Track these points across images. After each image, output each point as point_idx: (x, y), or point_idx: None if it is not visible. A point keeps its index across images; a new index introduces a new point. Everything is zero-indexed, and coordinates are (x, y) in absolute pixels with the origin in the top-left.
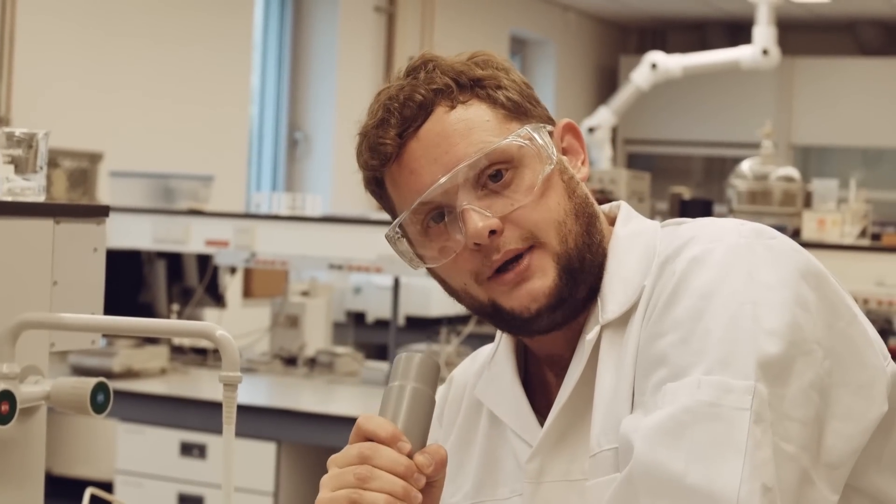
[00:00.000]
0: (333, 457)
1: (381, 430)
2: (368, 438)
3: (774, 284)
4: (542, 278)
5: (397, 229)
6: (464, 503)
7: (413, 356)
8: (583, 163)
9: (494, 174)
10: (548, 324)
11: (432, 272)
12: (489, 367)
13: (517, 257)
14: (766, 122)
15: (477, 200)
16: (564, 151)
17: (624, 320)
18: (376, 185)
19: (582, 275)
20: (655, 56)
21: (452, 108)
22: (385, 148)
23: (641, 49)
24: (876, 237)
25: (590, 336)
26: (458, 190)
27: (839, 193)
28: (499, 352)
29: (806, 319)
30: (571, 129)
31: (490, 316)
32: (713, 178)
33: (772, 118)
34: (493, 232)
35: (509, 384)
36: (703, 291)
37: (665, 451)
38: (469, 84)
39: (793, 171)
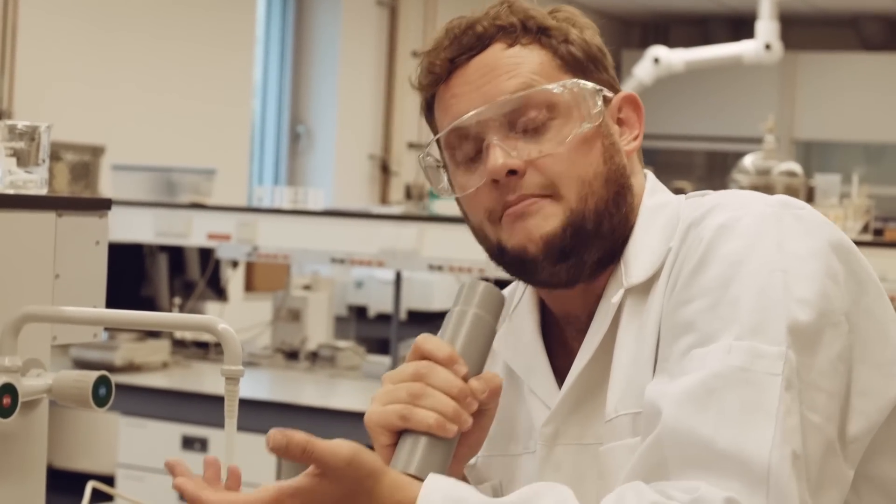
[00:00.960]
0: (388, 373)
1: (439, 351)
2: (425, 358)
3: (804, 254)
4: (542, 219)
5: (430, 152)
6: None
7: (477, 283)
8: (635, 138)
9: (531, 119)
10: (549, 276)
11: (460, 205)
12: (510, 318)
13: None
14: (769, 116)
15: (507, 139)
16: (619, 122)
17: (647, 287)
18: (427, 109)
19: (594, 238)
20: (658, 50)
21: (511, 45)
22: (435, 69)
23: (644, 43)
24: (878, 232)
25: (615, 299)
26: (492, 124)
27: (841, 189)
28: (521, 304)
29: (835, 291)
30: (632, 102)
31: (498, 260)
32: (715, 172)
33: (774, 113)
34: (513, 172)
35: (530, 340)
36: (733, 259)
37: (695, 415)
38: (535, 29)
39: (795, 167)
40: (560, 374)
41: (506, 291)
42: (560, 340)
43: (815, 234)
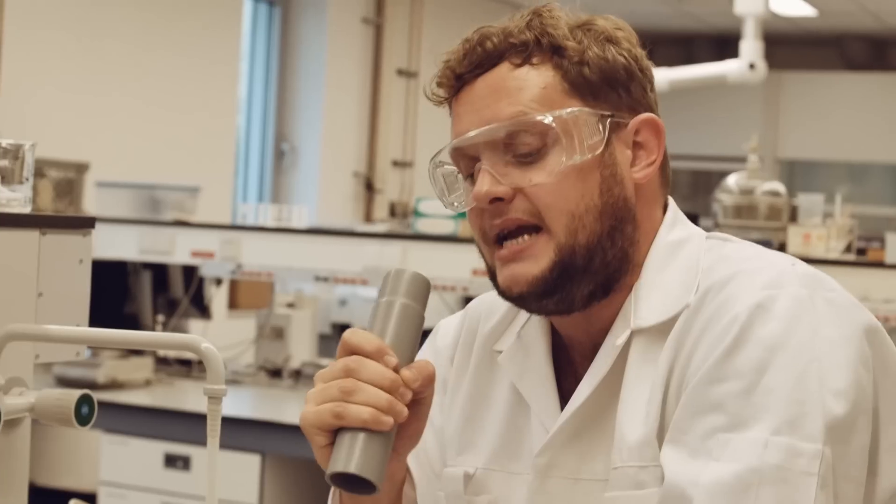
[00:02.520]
0: (320, 372)
1: (367, 344)
2: (354, 352)
3: (838, 341)
4: (532, 265)
5: (443, 166)
6: (475, 464)
7: (402, 271)
8: (651, 163)
9: (524, 145)
10: (538, 309)
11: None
12: (519, 337)
13: (520, 232)
14: (753, 136)
15: (499, 164)
16: (636, 145)
17: (657, 332)
18: (449, 112)
19: (583, 274)
20: None
21: (519, 65)
22: (444, 85)
23: None
24: (861, 252)
25: (619, 341)
26: (485, 148)
27: (825, 208)
28: (531, 323)
29: (867, 379)
30: (652, 125)
31: (491, 280)
32: (699, 191)
33: (758, 132)
34: (499, 199)
35: (538, 362)
36: (769, 343)
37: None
38: (549, 48)
39: (778, 186)
40: (566, 397)
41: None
42: (569, 359)
43: (847, 319)
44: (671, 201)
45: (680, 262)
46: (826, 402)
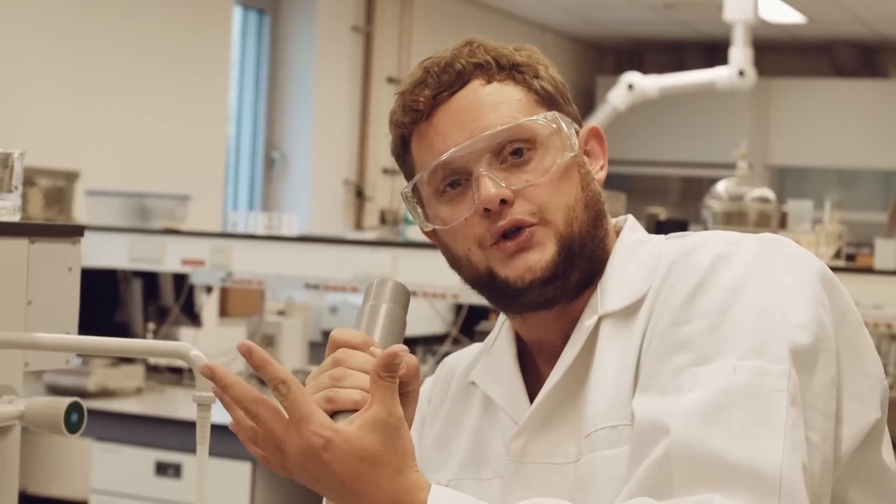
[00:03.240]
0: (311, 373)
1: (353, 338)
2: (341, 347)
3: (797, 285)
4: (541, 251)
5: (414, 187)
6: (447, 476)
7: (386, 280)
8: (601, 167)
9: (515, 151)
10: (537, 297)
11: (436, 238)
12: (488, 353)
13: (520, 229)
14: (742, 142)
15: (494, 170)
16: (586, 153)
17: (625, 315)
18: (402, 146)
19: (579, 259)
20: (632, 77)
21: (488, 82)
22: (418, 106)
23: (618, 70)
24: (851, 258)
25: (588, 322)
26: (479, 157)
27: (814, 214)
28: (499, 340)
29: (826, 320)
30: (596, 135)
31: (485, 286)
32: (689, 198)
33: (748, 139)
34: (504, 201)
35: (507, 368)
36: (731, 286)
37: (705, 430)
38: (508, 66)
39: (768, 192)
40: (534, 397)
41: (478, 345)
42: (533, 370)
43: (804, 267)
44: (630, 216)
45: (642, 255)
46: (789, 331)
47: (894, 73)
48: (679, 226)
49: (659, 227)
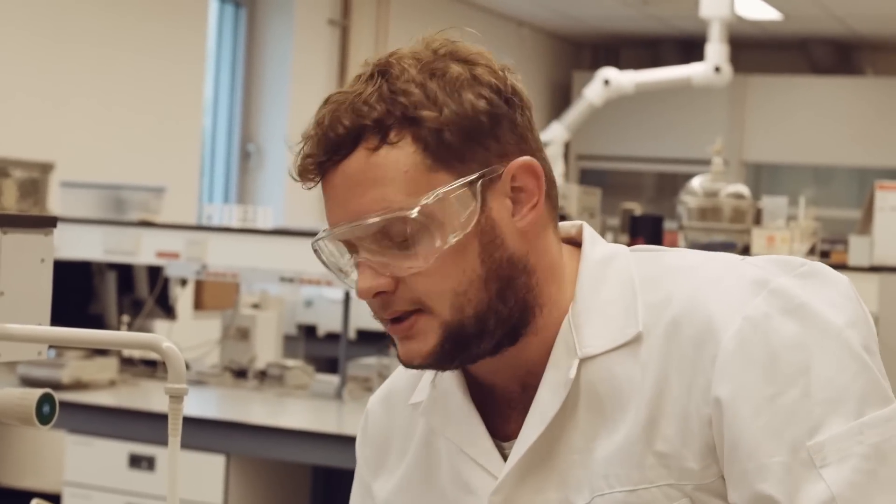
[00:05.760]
0: None
1: None
2: None
3: (842, 303)
4: (421, 342)
5: (319, 244)
6: None
7: None
8: (533, 207)
9: (394, 236)
10: (447, 368)
11: None
12: (433, 386)
13: (407, 314)
14: (717, 139)
15: (376, 254)
16: (515, 191)
17: (610, 354)
18: None
19: (480, 337)
20: (608, 72)
21: (376, 148)
22: (306, 174)
23: (594, 65)
24: (825, 254)
25: (571, 374)
26: (358, 241)
27: (789, 211)
28: (443, 375)
29: (868, 317)
30: (529, 170)
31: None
32: (665, 194)
33: (724, 135)
34: (381, 292)
35: (460, 405)
36: (794, 343)
37: (870, 498)
38: (407, 120)
39: (742, 188)
40: (494, 433)
41: (396, 380)
42: (490, 400)
43: (834, 287)
44: (585, 224)
45: (612, 280)
46: (866, 361)
47: (870, 70)
48: (654, 221)
49: (634, 222)
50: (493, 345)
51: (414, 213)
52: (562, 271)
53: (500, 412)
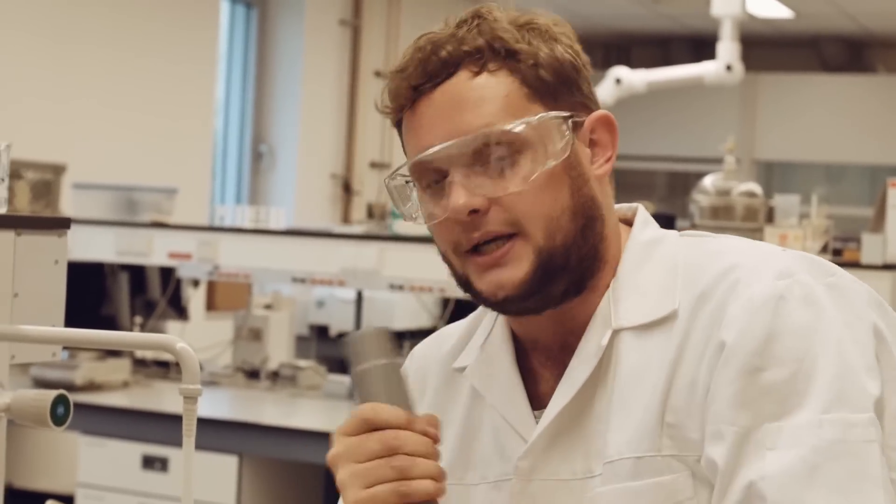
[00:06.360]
0: (344, 453)
1: (395, 419)
2: (380, 428)
3: (856, 323)
4: (515, 268)
5: (396, 178)
6: None
7: (363, 335)
8: (608, 159)
9: (495, 156)
10: (517, 310)
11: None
12: (483, 349)
13: (497, 239)
14: (729, 137)
15: (470, 176)
16: (592, 143)
17: (646, 329)
18: (397, 126)
19: (563, 272)
20: (619, 71)
21: (477, 73)
22: (400, 97)
23: (605, 64)
24: (837, 252)
25: (604, 341)
26: (455, 160)
27: (801, 209)
28: (494, 335)
29: (883, 349)
30: (606, 123)
31: (464, 288)
32: (676, 192)
33: (735, 133)
34: (475, 211)
35: (505, 371)
36: (801, 332)
37: (803, 493)
38: (503, 53)
39: (755, 187)
40: (533, 402)
41: (475, 315)
42: (528, 366)
43: (856, 298)
44: (640, 206)
45: (656, 261)
46: (862, 375)
47: (881, 67)
48: (666, 220)
49: None
50: (564, 288)
51: (518, 127)
52: (618, 241)
53: (533, 376)
